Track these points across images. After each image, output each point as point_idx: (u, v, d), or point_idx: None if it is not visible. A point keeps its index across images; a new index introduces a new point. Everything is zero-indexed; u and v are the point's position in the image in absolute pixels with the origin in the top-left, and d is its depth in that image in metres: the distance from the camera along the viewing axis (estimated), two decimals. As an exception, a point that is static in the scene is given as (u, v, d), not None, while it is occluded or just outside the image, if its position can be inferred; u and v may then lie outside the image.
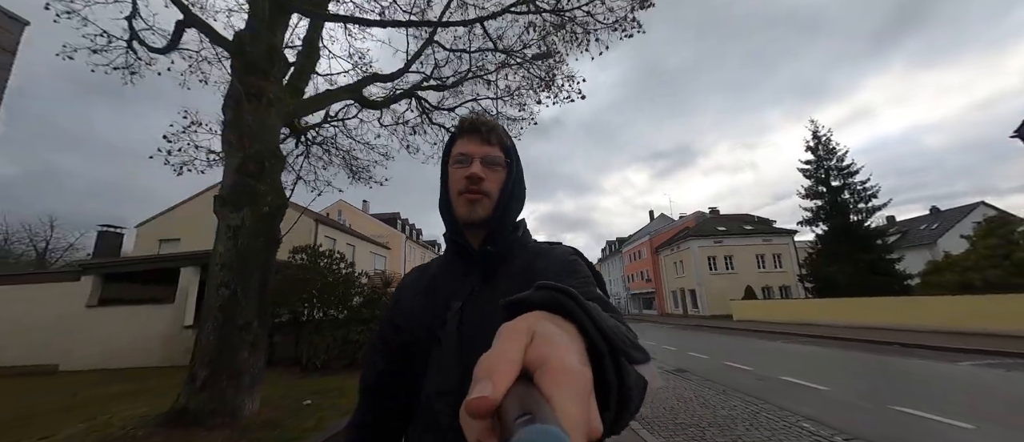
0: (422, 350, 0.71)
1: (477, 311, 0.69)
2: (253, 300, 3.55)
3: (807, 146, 25.07)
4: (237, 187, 3.65)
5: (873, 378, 6.80)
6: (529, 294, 0.33)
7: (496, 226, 0.74)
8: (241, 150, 3.65)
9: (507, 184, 0.75)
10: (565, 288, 0.32)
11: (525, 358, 0.23)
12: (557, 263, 0.70)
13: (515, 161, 0.79)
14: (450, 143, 0.80)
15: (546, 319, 0.28)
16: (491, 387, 0.21)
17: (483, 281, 0.72)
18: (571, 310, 0.31)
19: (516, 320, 0.27)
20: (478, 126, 0.76)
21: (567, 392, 0.21)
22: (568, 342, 0.26)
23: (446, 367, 0.66)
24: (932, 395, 5.37)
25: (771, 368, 7.93)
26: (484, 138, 0.75)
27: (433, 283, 0.77)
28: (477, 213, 0.73)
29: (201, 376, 3.27)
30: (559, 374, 0.22)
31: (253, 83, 3.72)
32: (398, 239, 34.92)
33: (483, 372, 0.22)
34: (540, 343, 0.24)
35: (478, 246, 0.74)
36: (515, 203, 0.78)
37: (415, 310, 0.75)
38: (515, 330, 0.26)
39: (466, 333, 0.67)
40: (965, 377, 6.56)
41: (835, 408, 4.91)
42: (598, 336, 0.30)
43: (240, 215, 3.63)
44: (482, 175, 0.72)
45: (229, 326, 3.37)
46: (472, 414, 0.20)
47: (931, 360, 8.29)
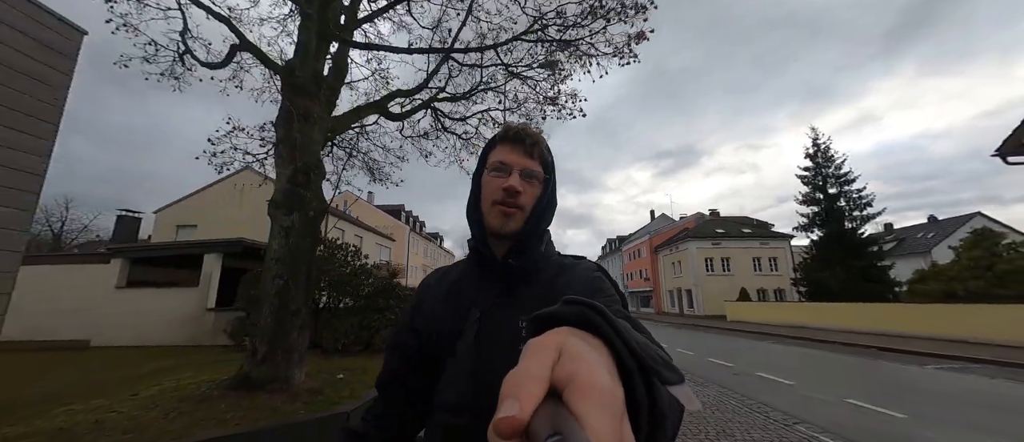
0: (439, 357, 0.71)
1: (495, 323, 0.68)
2: (301, 289, 4.23)
3: (806, 153, 25.58)
4: (288, 194, 4.30)
5: (838, 376, 7.46)
6: (557, 309, 0.33)
7: (524, 240, 0.73)
8: (292, 163, 4.30)
9: (542, 200, 0.74)
10: (594, 303, 0.32)
11: (553, 375, 0.23)
12: (580, 280, 0.70)
13: (552, 177, 0.78)
14: (490, 147, 0.79)
15: (574, 335, 0.27)
16: (518, 406, 0.20)
17: (504, 293, 0.72)
18: (599, 326, 0.30)
19: (543, 336, 0.27)
20: (522, 137, 0.74)
21: (598, 410, 0.20)
22: (597, 359, 0.25)
23: (460, 379, 0.66)
24: (885, 391, 6.03)
25: (750, 365, 8.61)
26: (527, 150, 0.74)
27: (454, 290, 0.77)
28: (509, 227, 0.71)
29: (261, 351, 3.95)
30: (589, 392, 0.21)
31: (301, 104, 4.36)
32: (402, 231, 35.67)
33: (510, 390, 0.22)
34: (568, 360, 0.23)
35: (502, 256, 0.73)
36: (546, 219, 0.77)
37: (435, 315, 0.75)
38: (542, 346, 0.25)
39: (482, 345, 0.67)
40: (923, 378, 7.21)
41: (794, 398, 5.58)
42: (627, 353, 0.29)
43: (291, 218, 4.29)
44: (520, 189, 0.71)
45: (283, 311, 4.05)
46: (500, 434, 0.20)
47: (900, 363, 8.94)
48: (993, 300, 13.30)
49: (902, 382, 6.86)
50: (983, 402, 5.47)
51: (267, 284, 4.18)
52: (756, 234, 34.08)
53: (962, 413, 4.87)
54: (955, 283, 15.37)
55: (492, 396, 0.25)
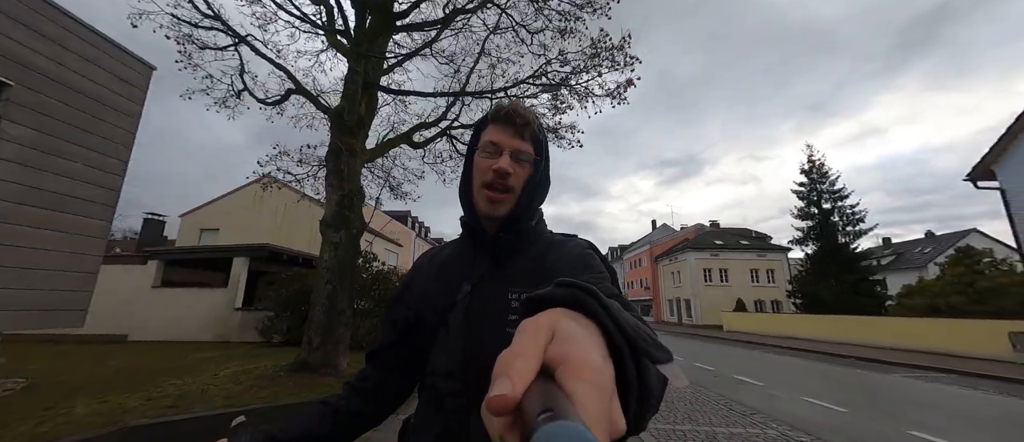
0: (430, 330, 0.73)
1: (485, 297, 0.69)
2: (346, 294, 5.13)
3: (801, 169, 26.39)
4: (337, 216, 5.23)
5: (806, 380, 8.25)
6: (550, 291, 0.33)
7: (514, 220, 0.73)
8: (340, 190, 5.24)
9: (532, 180, 0.74)
10: (586, 285, 0.32)
11: (546, 355, 0.23)
12: (571, 257, 0.70)
13: (545, 157, 0.77)
14: (481, 126, 0.77)
15: (567, 316, 0.28)
16: (510, 385, 0.21)
17: (494, 267, 0.73)
18: (591, 308, 0.31)
19: (537, 316, 0.27)
20: (513, 117, 0.73)
21: (589, 388, 0.21)
22: (589, 339, 0.26)
23: (451, 349, 0.68)
24: (842, 392, 6.82)
25: (731, 369, 9.41)
26: (518, 130, 0.72)
27: (445, 266, 0.78)
28: (498, 211, 0.72)
29: (315, 342, 4.85)
30: (581, 370, 0.22)
31: (347, 141, 5.31)
32: (408, 236, 36.61)
33: (502, 369, 0.22)
34: (561, 340, 0.24)
35: (492, 232, 0.74)
36: (537, 199, 0.77)
37: (427, 292, 0.76)
38: (535, 326, 0.26)
39: (473, 317, 0.68)
40: (884, 383, 7.99)
41: (760, 396, 6.40)
42: (619, 334, 0.29)
43: (339, 235, 5.21)
44: (510, 170, 0.70)
45: (332, 311, 4.96)
46: (493, 411, 0.20)
47: (872, 371, 9.70)
48: (972, 315, 14.01)
49: (862, 386, 7.65)
50: (924, 402, 6.27)
51: (319, 289, 5.10)
52: (754, 246, 34.77)
53: (901, 410, 5.67)
54: (939, 298, 16.06)
55: (482, 365, 0.30)
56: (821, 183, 25.30)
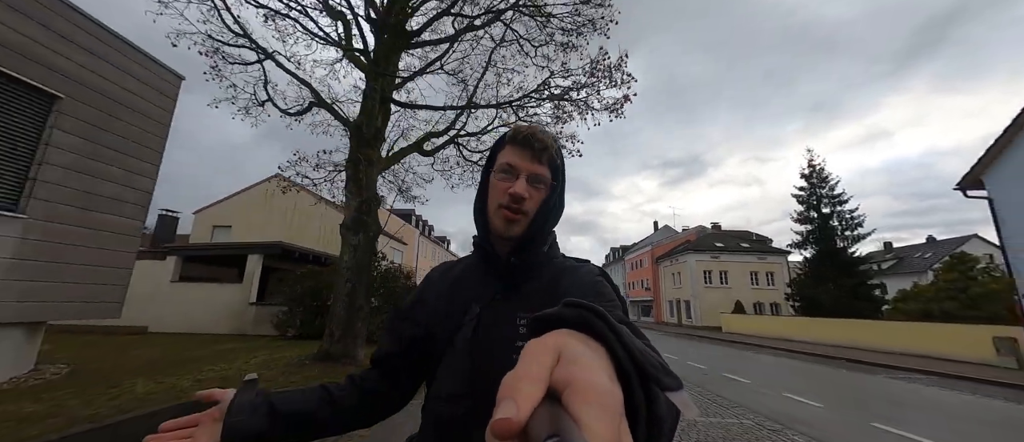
0: (436, 348, 0.72)
1: (494, 320, 0.69)
2: (363, 291, 5.64)
3: (801, 173, 26.64)
4: (356, 220, 5.73)
5: (791, 378, 8.67)
6: (557, 311, 0.33)
7: (528, 242, 0.73)
8: (359, 197, 5.73)
9: (547, 203, 0.74)
10: (594, 307, 0.32)
11: (552, 377, 0.23)
12: (582, 284, 0.70)
13: (561, 182, 0.77)
14: (498, 147, 0.78)
15: (574, 338, 0.27)
16: (515, 408, 0.20)
17: (505, 290, 0.73)
18: (599, 330, 0.30)
19: (543, 337, 0.27)
20: (532, 141, 0.73)
21: (596, 412, 0.20)
22: (597, 362, 0.25)
23: (457, 372, 0.68)
24: (822, 390, 7.26)
25: (722, 368, 9.85)
26: (536, 155, 0.73)
27: (456, 284, 0.79)
28: (512, 231, 0.72)
29: (337, 334, 5.36)
30: (588, 394, 0.21)
31: (366, 153, 5.80)
32: (413, 234, 37.19)
33: (507, 391, 0.22)
34: (568, 362, 0.24)
35: (505, 255, 0.74)
36: (551, 222, 0.77)
37: (436, 309, 0.76)
38: (542, 347, 0.25)
39: (481, 339, 0.68)
40: (867, 383, 8.40)
41: (744, 392, 6.85)
42: (626, 358, 0.29)
43: (358, 238, 5.71)
44: (525, 195, 0.70)
45: (351, 307, 5.46)
46: (497, 435, 0.20)
47: (858, 372, 10.11)
48: (964, 321, 14.33)
49: (843, 385, 8.07)
50: (896, 400, 6.69)
51: (340, 287, 5.61)
52: (754, 249, 35.05)
53: (871, 406, 6.11)
54: (932, 304, 16.39)
55: (488, 389, 0.27)
56: (821, 187, 25.55)
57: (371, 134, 5.93)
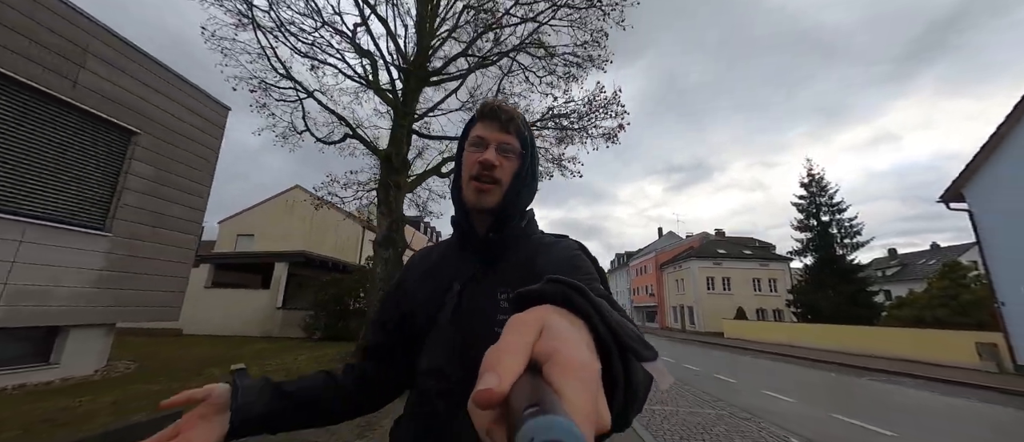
0: (419, 329, 0.74)
1: (474, 297, 0.71)
2: (393, 298, 6.53)
3: (801, 182, 27.22)
4: (387, 238, 6.65)
5: (776, 380, 9.38)
6: (539, 287, 0.34)
7: (503, 215, 0.74)
8: (389, 217, 6.65)
9: (519, 174, 0.76)
10: (575, 283, 0.33)
11: (534, 350, 0.24)
12: (560, 258, 0.71)
13: (530, 152, 0.79)
14: (469, 126, 0.79)
15: (555, 313, 0.29)
16: (497, 379, 0.21)
17: (484, 268, 0.74)
18: (580, 305, 0.31)
19: (525, 312, 0.28)
20: (498, 112, 0.75)
21: (576, 384, 0.21)
22: (577, 336, 0.27)
23: (439, 347, 0.69)
24: (801, 390, 7.99)
25: (714, 369, 10.60)
26: (503, 125, 0.75)
27: (436, 266, 0.80)
28: (485, 201, 0.73)
29: (371, 334, 6.29)
30: (568, 366, 0.22)
31: (395, 179, 6.74)
32: (421, 240, 38.24)
33: (490, 364, 0.23)
34: (549, 336, 0.25)
35: (483, 232, 0.75)
36: (525, 194, 0.78)
37: (417, 291, 0.78)
38: (524, 322, 0.26)
39: (462, 317, 0.69)
40: (850, 385, 9.09)
41: (728, 389, 7.62)
42: (606, 331, 0.30)
43: (388, 252, 6.63)
44: (495, 162, 0.72)
45: (384, 312, 6.36)
46: (479, 405, 0.21)
47: (845, 374, 10.78)
48: (955, 327, 14.87)
49: (824, 385, 8.79)
50: (868, 399, 7.41)
51: (373, 296, 6.52)
52: (757, 256, 35.51)
53: (840, 402, 6.85)
54: (925, 310, 16.92)
55: (470, 365, 0.29)
56: (820, 196, 26.11)
57: (399, 163, 6.87)
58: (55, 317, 5.64)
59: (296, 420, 0.70)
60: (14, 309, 5.12)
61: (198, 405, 0.62)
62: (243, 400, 0.63)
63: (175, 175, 7.41)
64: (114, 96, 6.29)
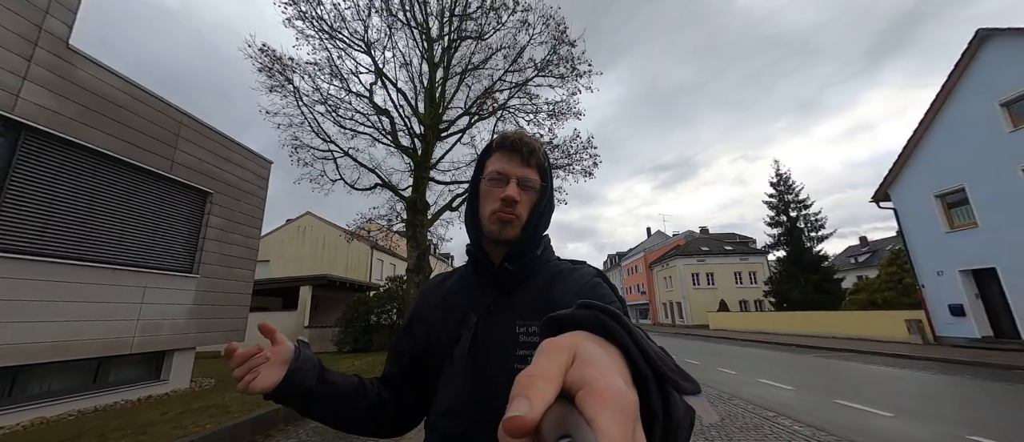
0: (435, 363, 0.73)
1: (492, 328, 0.69)
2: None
3: (770, 181, 29.61)
4: (416, 266, 8.41)
5: (733, 359, 11.32)
6: (572, 312, 0.33)
7: (521, 247, 0.74)
8: (417, 250, 8.42)
9: (539, 206, 0.76)
10: (610, 309, 0.31)
11: (566, 378, 0.22)
12: (579, 287, 0.70)
13: (549, 184, 0.78)
14: (486, 155, 0.80)
15: (589, 339, 0.27)
16: (528, 406, 0.20)
17: (500, 298, 0.73)
18: (615, 332, 0.30)
19: (558, 337, 0.26)
20: (519, 146, 0.75)
21: (610, 414, 0.20)
22: (612, 364, 0.25)
23: (456, 385, 0.67)
24: (752, 365, 9.91)
25: (687, 355, 12.52)
26: (524, 159, 0.75)
27: (451, 295, 0.79)
28: (507, 234, 0.73)
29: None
30: (602, 395, 0.21)
31: (420, 220, 8.53)
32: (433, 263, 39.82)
33: (520, 390, 0.21)
34: (582, 363, 0.23)
35: (498, 261, 0.74)
36: (543, 224, 0.78)
37: (432, 322, 0.77)
38: (556, 348, 0.25)
39: (479, 350, 0.68)
40: (802, 361, 11.05)
41: (692, 370, 9.51)
42: (643, 361, 0.28)
43: (418, 278, 8.39)
44: (517, 199, 0.72)
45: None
46: (509, 433, 0.19)
47: (796, 353, 12.78)
48: (900, 308, 17.07)
49: (775, 362, 10.74)
50: (822, 372, 9.35)
51: (407, 314, 8.31)
52: (737, 251, 37.87)
53: (800, 376, 8.76)
54: (876, 294, 19.16)
55: (488, 401, 0.31)
56: (788, 194, 28.50)
57: (422, 205, 8.68)
58: (165, 344, 7.30)
59: (327, 408, 0.71)
60: (146, 339, 6.79)
61: (276, 346, 0.68)
62: (299, 365, 0.68)
63: (237, 223, 9.11)
64: (197, 166, 8.01)
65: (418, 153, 9.12)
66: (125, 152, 6.56)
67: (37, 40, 5.42)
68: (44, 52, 5.48)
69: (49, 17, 5.58)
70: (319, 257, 21.24)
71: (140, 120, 6.90)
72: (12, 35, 5.17)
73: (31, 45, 5.35)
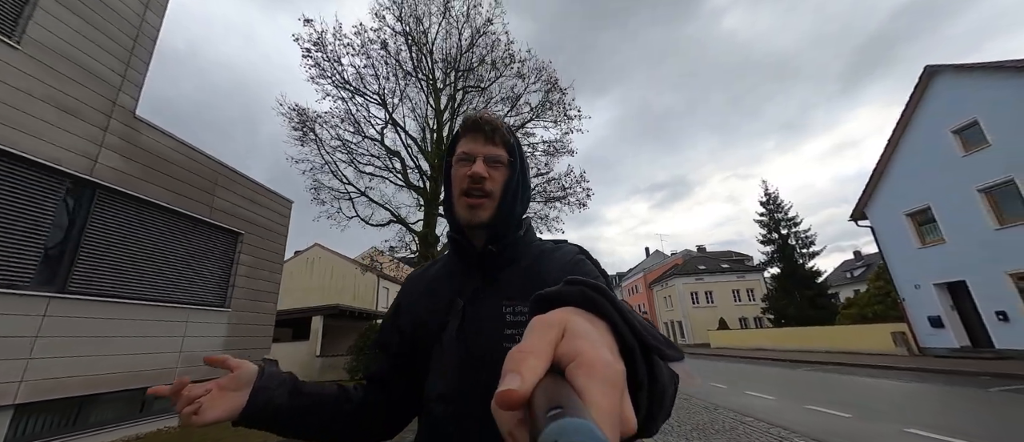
0: (424, 351, 0.72)
1: (479, 311, 0.69)
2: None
3: (760, 200, 30.69)
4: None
5: (727, 374, 11.93)
6: (559, 289, 0.34)
7: (499, 227, 0.73)
8: (429, 281, 9.21)
9: (510, 183, 0.75)
10: (596, 284, 0.32)
11: (556, 352, 0.23)
12: (563, 263, 0.71)
13: (519, 159, 0.78)
14: (454, 141, 0.79)
15: (577, 314, 0.28)
16: (519, 380, 0.21)
17: (485, 282, 0.72)
18: (602, 306, 0.31)
19: (548, 314, 0.27)
20: (481, 124, 0.75)
21: (599, 386, 0.21)
22: (600, 337, 0.26)
23: (446, 370, 0.67)
24: (746, 378, 10.54)
25: (709, 378, 13.09)
26: (488, 137, 0.74)
27: (435, 283, 0.79)
28: (479, 217, 0.72)
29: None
30: (591, 367, 0.22)
31: (432, 252, 9.36)
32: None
33: (512, 365, 0.22)
34: (572, 337, 0.24)
35: (481, 245, 0.74)
36: (519, 203, 0.77)
37: (417, 312, 0.76)
38: (546, 323, 0.26)
39: (467, 335, 0.67)
40: (790, 375, 11.68)
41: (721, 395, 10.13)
42: (629, 333, 0.29)
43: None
44: (484, 174, 0.71)
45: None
46: (502, 406, 0.20)
47: (788, 368, 13.38)
48: (888, 321, 17.72)
49: (767, 376, 11.37)
50: (802, 383, 10.01)
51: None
52: (733, 269, 38.53)
53: (784, 388, 9.41)
54: (867, 308, 19.83)
55: (479, 384, 0.32)
56: (777, 213, 29.50)
57: (433, 239, 9.55)
58: (203, 374, 7.99)
59: (306, 423, 0.69)
60: (187, 370, 7.50)
61: (234, 372, 0.64)
62: (264, 383, 0.64)
63: (262, 259, 9.95)
64: (230, 210, 8.92)
65: (427, 190, 10.07)
66: (174, 201, 7.47)
67: (112, 113, 6.44)
68: (117, 123, 6.49)
69: (122, 93, 6.62)
70: (327, 287, 21.88)
71: (186, 173, 7.86)
72: (92, 110, 6.18)
73: (107, 117, 6.37)
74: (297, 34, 9.68)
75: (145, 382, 6.79)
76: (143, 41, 7.14)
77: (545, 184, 11.27)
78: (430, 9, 10.37)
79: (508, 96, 10.48)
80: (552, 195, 11.24)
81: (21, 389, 5.06)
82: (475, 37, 9.92)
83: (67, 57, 5.88)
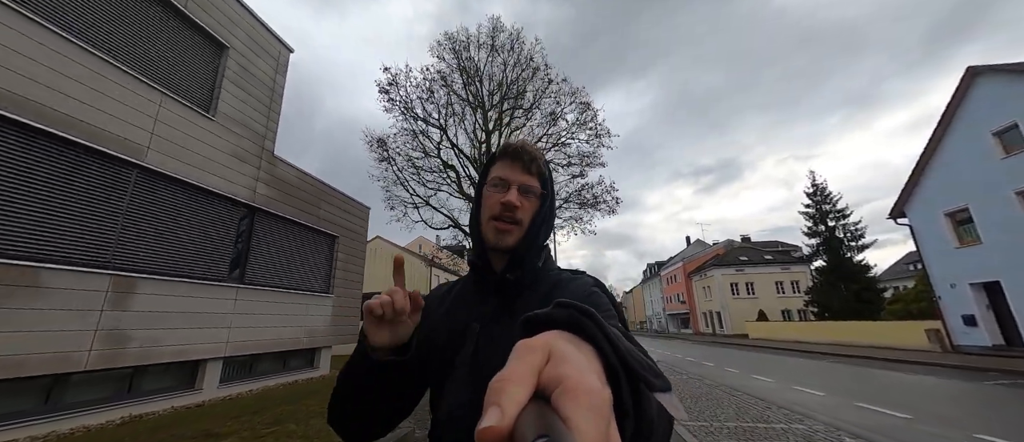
0: (436, 372, 0.73)
1: (493, 338, 0.70)
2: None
3: (806, 192, 29.90)
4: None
5: (766, 366, 12.97)
6: (548, 311, 0.33)
7: (521, 254, 0.75)
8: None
9: (539, 214, 0.78)
10: (585, 307, 0.32)
11: (541, 377, 0.23)
12: (575, 295, 0.71)
13: (550, 192, 0.81)
14: (490, 163, 0.82)
15: (562, 338, 0.28)
16: (499, 414, 0.21)
17: (502, 307, 0.74)
18: (589, 330, 0.30)
19: (532, 338, 0.27)
20: (521, 153, 0.77)
21: (585, 412, 0.20)
22: (585, 362, 0.26)
23: (458, 392, 0.68)
24: (782, 370, 11.62)
25: (723, 364, 14.23)
26: (525, 166, 0.77)
27: (454, 305, 0.81)
28: (505, 242, 0.75)
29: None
30: (576, 394, 0.21)
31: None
32: (464, 268, 43.22)
33: (493, 396, 0.22)
34: (556, 362, 0.24)
35: (499, 270, 0.76)
36: (543, 233, 0.79)
37: (436, 331, 0.77)
38: (530, 348, 0.25)
39: (480, 360, 0.69)
40: (822, 368, 12.57)
41: (727, 376, 11.45)
42: (614, 358, 0.29)
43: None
44: (517, 204, 0.74)
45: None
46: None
47: (825, 362, 14.13)
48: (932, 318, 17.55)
49: (805, 368, 12.36)
50: (846, 378, 11.03)
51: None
52: (777, 260, 37.67)
53: (818, 379, 10.54)
54: (912, 304, 19.57)
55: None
56: (825, 204, 28.69)
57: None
58: (318, 341, 10.64)
59: (401, 382, 0.71)
60: (310, 338, 10.14)
61: (413, 302, 0.68)
62: (421, 323, 0.71)
63: (351, 255, 12.49)
64: (330, 218, 11.43)
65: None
66: (296, 215, 9.99)
67: (262, 154, 8.93)
68: (265, 162, 8.98)
69: (267, 140, 9.10)
70: (388, 275, 24.94)
71: (302, 192, 10.37)
72: (251, 155, 8.67)
73: (259, 158, 8.86)
74: (378, 80, 11.96)
75: (287, 347, 9.43)
76: (276, 97, 9.59)
77: (578, 191, 12.88)
78: (479, 40, 12.17)
79: (546, 115, 12.13)
80: (585, 201, 12.83)
81: (227, 348, 7.68)
82: (518, 68, 11.62)
83: (238, 119, 8.37)
